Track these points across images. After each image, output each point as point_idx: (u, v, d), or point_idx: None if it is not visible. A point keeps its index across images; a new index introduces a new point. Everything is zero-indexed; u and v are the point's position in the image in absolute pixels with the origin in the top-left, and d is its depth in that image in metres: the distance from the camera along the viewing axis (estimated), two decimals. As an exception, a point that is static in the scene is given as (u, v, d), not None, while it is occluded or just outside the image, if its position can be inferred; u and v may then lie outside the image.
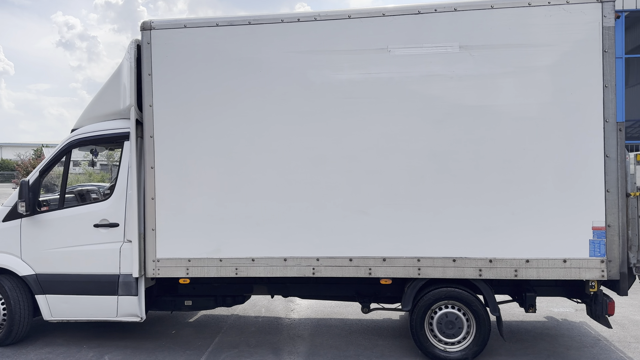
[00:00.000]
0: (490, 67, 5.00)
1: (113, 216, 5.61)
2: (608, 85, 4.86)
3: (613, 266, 4.87)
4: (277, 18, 5.31)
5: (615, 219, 4.85)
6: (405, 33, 5.12)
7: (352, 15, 5.21)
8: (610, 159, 4.85)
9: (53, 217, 5.76)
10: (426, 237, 5.09)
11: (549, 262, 4.93)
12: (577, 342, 5.73)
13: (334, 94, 5.21)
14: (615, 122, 4.86)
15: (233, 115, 5.35)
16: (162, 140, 5.46)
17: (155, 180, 5.46)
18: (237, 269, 5.36)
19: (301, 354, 5.52)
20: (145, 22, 5.50)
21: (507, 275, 4.99)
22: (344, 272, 5.23)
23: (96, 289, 5.59)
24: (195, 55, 5.41)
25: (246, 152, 5.33)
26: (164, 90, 5.45)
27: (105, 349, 5.76)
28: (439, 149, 5.07)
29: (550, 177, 4.92)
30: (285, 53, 5.28)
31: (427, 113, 5.09)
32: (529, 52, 4.96)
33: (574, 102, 4.90)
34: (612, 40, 4.87)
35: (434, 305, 5.21)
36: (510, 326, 6.36)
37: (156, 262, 5.47)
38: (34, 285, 5.72)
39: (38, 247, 5.75)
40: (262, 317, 6.97)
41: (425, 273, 5.11)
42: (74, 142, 5.85)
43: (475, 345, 5.13)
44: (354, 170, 5.18)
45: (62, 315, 5.74)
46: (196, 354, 5.57)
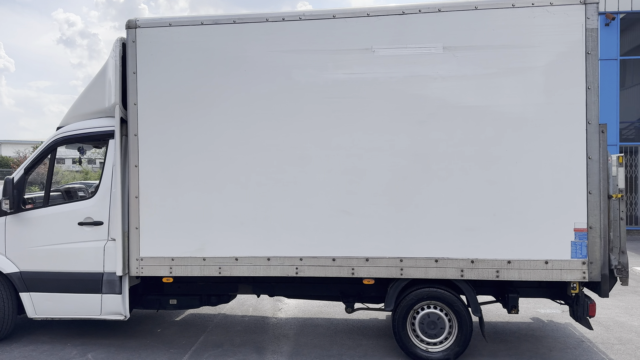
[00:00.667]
0: (474, 68, 5.00)
1: (97, 214, 5.61)
2: (591, 87, 4.86)
3: (594, 268, 4.88)
4: (262, 17, 5.31)
5: (597, 220, 4.85)
6: (390, 33, 5.12)
7: (336, 15, 5.21)
8: (593, 161, 4.85)
9: (38, 214, 5.76)
10: (409, 238, 5.09)
11: (531, 263, 4.93)
12: (560, 343, 5.74)
13: (319, 93, 5.21)
14: (598, 124, 4.86)
15: (217, 114, 5.35)
16: (147, 138, 5.46)
17: (140, 178, 5.46)
18: (221, 268, 5.37)
19: (284, 353, 5.53)
20: (131, 21, 5.50)
21: (488, 276, 4.99)
22: (327, 272, 5.23)
23: (80, 287, 5.59)
24: (180, 54, 5.41)
25: (230, 151, 5.33)
26: (148, 89, 5.45)
27: (89, 347, 5.76)
28: (422, 150, 5.07)
29: (532, 179, 4.92)
30: (270, 52, 5.28)
31: (411, 113, 5.09)
32: (512, 54, 4.96)
33: (557, 103, 4.90)
34: (596, 42, 4.87)
35: (416, 306, 5.21)
36: (495, 327, 6.36)
37: (140, 260, 5.47)
38: (18, 282, 5.72)
39: (23, 244, 5.75)
40: (249, 316, 6.98)
41: (408, 273, 5.11)
42: (59, 140, 5.85)
43: (457, 345, 5.13)
44: (337, 170, 5.18)
45: (47, 313, 5.74)
46: (180, 352, 5.57)
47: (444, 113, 5.04)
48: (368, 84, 5.14)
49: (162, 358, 5.40)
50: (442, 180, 5.04)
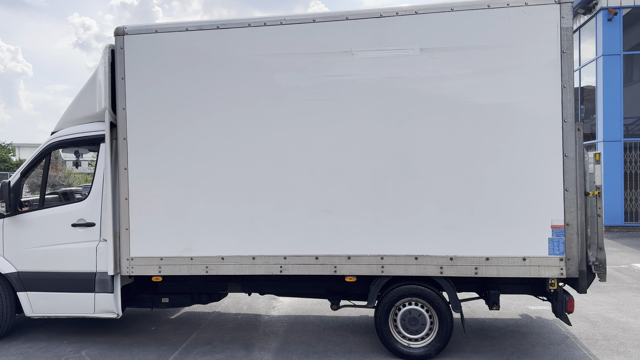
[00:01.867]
0: (451, 69, 5.09)
1: (89, 216, 5.80)
2: (566, 86, 4.92)
3: (572, 264, 4.94)
4: (245, 22, 5.45)
5: (573, 217, 4.91)
6: (369, 36, 5.23)
7: (316, 19, 5.32)
8: (569, 159, 4.91)
9: (33, 217, 5.97)
10: (389, 236, 5.20)
11: (509, 260, 5.01)
12: (545, 339, 5.80)
13: (300, 96, 5.33)
14: (574, 122, 4.92)
15: (202, 117, 5.50)
16: (135, 142, 5.63)
17: (129, 181, 5.64)
18: (208, 267, 5.52)
19: (271, 350, 5.66)
20: (119, 28, 5.67)
21: (467, 273, 5.08)
22: (310, 270, 5.36)
23: (74, 286, 5.79)
24: (166, 60, 5.57)
25: (215, 153, 5.47)
26: (136, 94, 5.62)
27: (84, 344, 5.95)
28: (401, 150, 5.17)
29: (509, 177, 4.99)
30: (253, 56, 5.42)
31: (389, 114, 5.19)
32: (488, 54, 5.03)
33: (533, 102, 4.97)
34: (571, 41, 4.93)
35: (397, 302, 5.31)
36: (482, 323, 6.44)
37: (130, 260, 5.64)
38: (15, 282, 5.94)
39: (19, 245, 5.96)
40: (242, 314, 7.13)
41: (389, 271, 5.22)
42: (53, 145, 6.05)
43: (438, 341, 5.22)
44: (319, 170, 5.30)
45: (43, 311, 5.95)
46: (170, 350, 5.74)
47: (422, 113, 5.13)
48: (348, 86, 5.25)
49: (152, 355, 5.57)
50: (420, 179, 5.13)
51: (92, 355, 5.58)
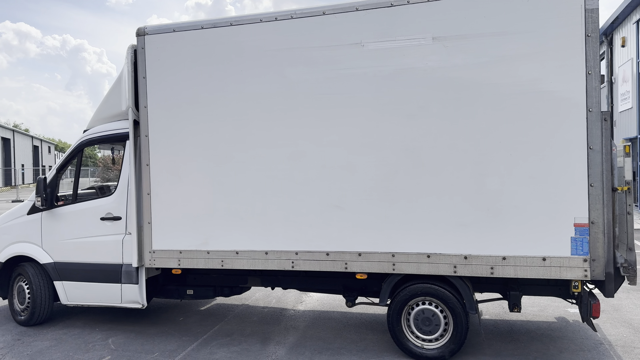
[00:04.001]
0: (464, 58, 4.83)
1: (116, 210, 6.06)
2: (591, 72, 4.53)
3: (597, 266, 4.56)
4: (256, 18, 5.45)
5: (599, 215, 4.53)
6: (379, 27, 5.07)
7: (326, 12, 5.23)
8: (594, 151, 4.53)
9: (67, 210, 6.31)
10: (401, 233, 5.04)
11: (527, 260, 4.70)
12: (575, 345, 5.41)
13: (310, 90, 5.27)
14: (600, 112, 4.53)
15: (218, 114, 5.57)
16: (156, 139, 5.81)
17: (151, 176, 5.82)
18: (223, 261, 5.60)
19: (287, 345, 5.67)
20: (140, 29, 5.85)
21: (482, 273, 4.82)
22: (321, 267, 5.30)
23: (103, 277, 6.07)
24: (183, 58, 5.68)
25: (229, 148, 5.53)
26: (157, 92, 5.78)
27: (113, 332, 6.24)
28: (412, 143, 4.99)
29: (528, 171, 4.68)
30: (265, 52, 5.41)
31: (400, 107, 5.01)
32: (505, 41, 4.73)
33: (554, 91, 4.62)
34: (596, 24, 4.53)
35: (410, 301, 5.15)
36: (512, 326, 6.11)
37: (152, 253, 5.84)
38: (52, 272, 6.32)
39: (55, 237, 6.34)
40: (269, 307, 7.20)
41: (400, 268, 5.06)
42: (84, 142, 6.36)
43: (452, 343, 5.01)
44: (329, 165, 5.22)
45: (77, 300, 6.30)
46: (190, 340, 5.89)
47: (435, 106, 4.92)
48: (358, 79, 5.13)
49: (172, 345, 5.74)
50: (433, 174, 4.93)
51: (118, 343, 5.84)
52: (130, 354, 5.49)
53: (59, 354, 5.52)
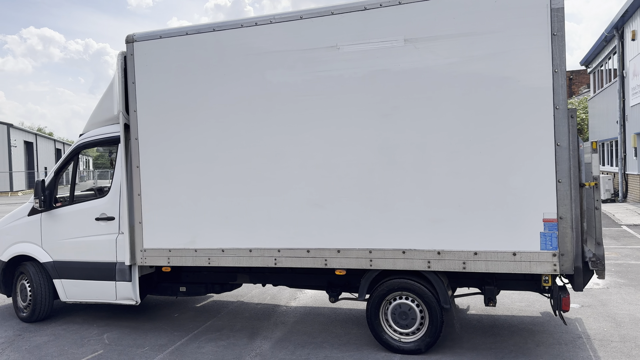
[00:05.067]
0: (435, 59, 4.96)
1: (110, 210, 6.31)
2: (558, 70, 4.62)
3: (566, 260, 4.65)
4: (237, 23, 5.64)
5: (567, 210, 4.62)
6: (353, 30, 5.22)
7: (303, 16, 5.39)
8: (561, 148, 4.62)
9: (64, 211, 6.60)
10: (377, 230, 5.18)
11: (498, 255, 4.81)
12: (553, 339, 5.49)
13: (290, 92, 5.44)
14: (567, 109, 4.62)
15: (203, 116, 5.78)
16: (145, 141, 6.04)
17: (141, 178, 6.06)
18: (210, 259, 5.81)
19: (273, 339, 5.86)
20: (129, 36, 6.09)
21: (455, 268, 4.94)
22: (302, 263, 5.47)
23: (98, 275, 6.33)
24: (170, 63, 5.90)
25: (214, 150, 5.74)
26: (145, 97, 6.01)
27: (109, 328, 6.50)
28: (387, 143, 5.12)
29: (498, 168, 4.79)
30: (247, 56, 5.60)
31: (375, 107, 5.16)
32: (474, 41, 4.84)
33: (522, 89, 4.72)
34: (562, 23, 4.62)
35: (388, 296, 5.29)
36: (495, 320, 6.20)
37: (143, 251, 6.08)
38: (51, 270, 6.61)
39: (54, 237, 6.62)
40: (263, 304, 7.39)
41: (377, 264, 5.21)
42: (80, 145, 6.64)
43: (428, 336, 5.14)
44: (309, 165, 5.39)
45: (75, 297, 6.57)
46: (181, 335, 6.12)
47: (407, 105, 5.05)
48: (334, 81, 5.28)
49: (163, 340, 5.97)
50: (407, 172, 5.06)
51: (112, 339, 6.09)
52: (122, 348, 5.74)
53: (54, 349, 5.79)
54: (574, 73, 49.33)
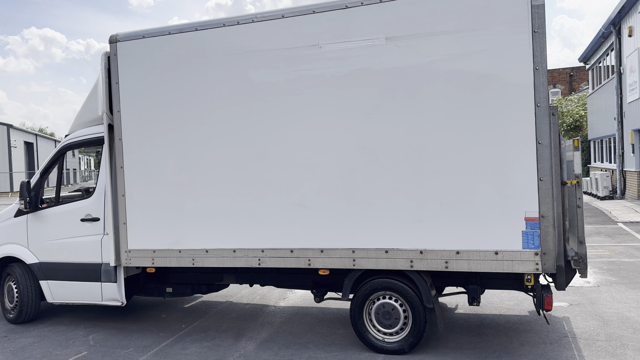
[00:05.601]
0: (416, 57, 4.92)
1: (95, 211, 6.29)
2: (539, 68, 4.58)
3: (548, 259, 4.61)
4: (220, 22, 5.60)
5: (549, 209, 4.58)
6: (335, 28, 5.18)
7: (285, 15, 5.36)
8: (543, 146, 4.58)
9: (50, 212, 6.58)
10: (360, 229, 5.15)
11: (480, 254, 4.78)
12: (539, 338, 5.45)
13: (272, 92, 5.41)
14: (548, 106, 4.58)
15: (186, 116, 5.74)
16: (129, 142, 6.01)
17: (125, 178, 6.03)
18: (194, 259, 5.78)
19: (257, 340, 5.83)
20: (112, 36, 6.06)
21: (438, 267, 4.91)
22: (286, 263, 5.44)
23: (84, 276, 6.31)
24: (153, 63, 5.87)
25: (197, 150, 5.71)
26: (128, 97, 5.99)
27: (95, 329, 6.49)
28: (369, 142, 5.09)
29: (479, 167, 4.76)
30: (229, 55, 5.57)
31: (357, 106, 5.12)
32: (454, 39, 4.80)
33: (503, 87, 4.68)
34: (543, 20, 4.58)
35: (372, 296, 5.26)
36: (483, 319, 6.17)
37: (128, 252, 6.05)
38: (38, 272, 6.59)
39: (40, 238, 6.61)
40: (252, 304, 7.37)
41: (360, 264, 5.18)
42: (65, 146, 6.62)
43: (412, 336, 5.11)
44: (292, 165, 5.36)
45: (61, 298, 6.56)
46: (167, 336, 6.10)
47: (389, 104, 5.01)
48: (316, 80, 5.25)
49: (148, 341, 5.95)
50: (389, 171, 5.03)
51: (97, 340, 6.08)
52: (106, 350, 5.72)
53: (39, 350, 5.77)
54: (575, 70, 49.15)
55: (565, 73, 50.67)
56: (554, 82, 51.05)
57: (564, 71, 50.57)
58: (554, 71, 51.03)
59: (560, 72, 50.81)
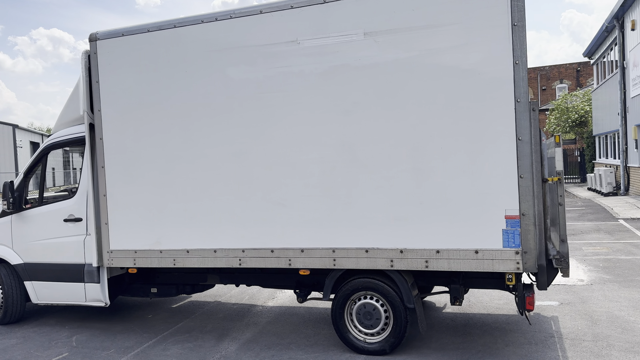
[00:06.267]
0: (395, 53, 4.82)
1: (77, 212, 6.24)
2: (519, 62, 4.46)
3: (529, 258, 4.50)
4: (198, 19, 5.53)
5: (529, 206, 4.47)
6: (313, 24, 5.09)
7: (263, 10, 5.27)
8: (523, 142, 4.47)
9: (33, 213, 6.54)
10: (340, 228, 5.06)
11: (460, 253, 4.68)
12: (525, 338, 5.34)
13: (251, 89, 5.33)
14: (528, 102, 4.46)
15: (166, 115, 5.68)
16: (110, 141, 5.96)
17: (106, 178, 5.98)
18: (175, 260, 5.72)
19: (241, 340, 5.76)
20: (92, 34, 6.00)
21: (418, 267, 4.81)
22: (266, 263, 5.37)
23: (68, 277, 6.27)
24: (132, 61, 5.81)
25: (178, 149, 5.64)
26: (109, 96, 5.93)
27: (80, 329, 6.45)
28: (349, 140, 5.00)
29: (459, 164, 4.65)
30: (208, 52, 5.49)
31: (336, 103, 5.03)
32: (433, 33, 4.70)
33: (483, 82, 4.57)
34: (522, 12, 4.46)
35: (353, 296, 5.17)
36: (470, 319, 6.06)
37: (110, 253, 6.00)
38: (22, 272, 6.56)
39: (24, 239, 6.57)
40: (240, 304, 7.30)
41: (340, 264, 5.09)
42: (49, 146, 6.58)
43: (393, 337, 5.02)
44: (272, 163, 5.28)
45: (46, 299, 6.52)
46: (150, 337, 6.04)
47: (368, 101, 4.92)
48: (295, 76, 5.16)
49: (130, 342, 5.90)
50: (369, 169, 4.94)
51: (80, 341, 6.03)
52: (88, 351, 5.67)
53: (20, 352, 5.74)
54: (582, 65, 48.64)
55: (572, 68, 50.25)
56: (560, 78, 50.64)
57: (571, 66, 50.15)
58: (560, 66, 50.59)
59: (567, 67, 50.37)
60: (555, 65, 51.17)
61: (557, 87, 49.92)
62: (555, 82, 51.03)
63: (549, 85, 51.01)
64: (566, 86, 49.97)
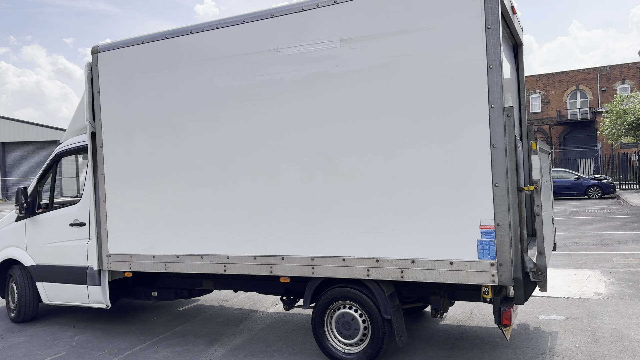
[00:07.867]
0: (370, 59, 4.75)
1: (81, 216, 6.51)
2: (493, 67, 4.30)
3: (505, 270, 4.30)
4: (187, 30, 5.66)
5: (505, 217, 4.28)
6: (293, 32, 5.10)
7: (246, 20, 5.33)
8: (498, 150, 4.29)
9: (44, 217, 6.88)
10: (319, 236, 5.03)
11: (435, 263, 4.54)
12: (514, 354, 5.10)
13: (235, 97, 5.40)
14: (502, 108, 4.29)
15: (159, 124, 5.84)
16: (109, 149, 6.19)
17: (105, 185, 6.21)
18: (166, 265, 5.86)
19: (229, 346, 5.82)
20: (94, 47, 6.27)
21: (393, 277, 4.71)
22: (249, 270, 5.41)
23: (73, 279, 6.55)
24: (129, 72, 6.02)
25: (169, 157, 5.79)
26: (108, 105, 6.17)
27: (83, 330, 6.71)
28: (327, 147, 4.97)
29: (433, 172, 4.52)
30: (196, 62, 5.61)
31: (314, 111, 5.02)
32: (408, 39, 4.60)
33: (457, 88, 4.43)
34: (496, 15, 4.30)
35: (332, 305, 5.12)
36: (463, 332, 5.86)
37: (109, 257, 6.22)
38: (34, 274, 6.91)
39: (36, 242, 6.92)
40: (242, 309, 7.38)
41: (319, 272, 5.05)
42: (59, 153, 6.91)
43: (370, 348, 4.92)
44: (255, 171, 5.32)
45: (55, 300, 6.83)
46: (145, 340, 6.20)
47: (344, 109, 4.88)
48: (276, 85, 5.19)
49: (126, 344, 6.08)
50: (346, 177, 4.89)
51: (81, 341, 6.28)
52: (84, 351, 5.89)
53: (23, 350, 6.03)
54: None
55: (635, 67, 47.78)
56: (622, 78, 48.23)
57: (634, 66, 47.69)
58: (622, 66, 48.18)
59: (630, 66, 47.96)
60: (616, 65, 48.81)
61: (619, 87, 47.56)
62: (617, 83, 48.67)
63: (610, 86, 48.70)
64: (629, 87, 47.49)
